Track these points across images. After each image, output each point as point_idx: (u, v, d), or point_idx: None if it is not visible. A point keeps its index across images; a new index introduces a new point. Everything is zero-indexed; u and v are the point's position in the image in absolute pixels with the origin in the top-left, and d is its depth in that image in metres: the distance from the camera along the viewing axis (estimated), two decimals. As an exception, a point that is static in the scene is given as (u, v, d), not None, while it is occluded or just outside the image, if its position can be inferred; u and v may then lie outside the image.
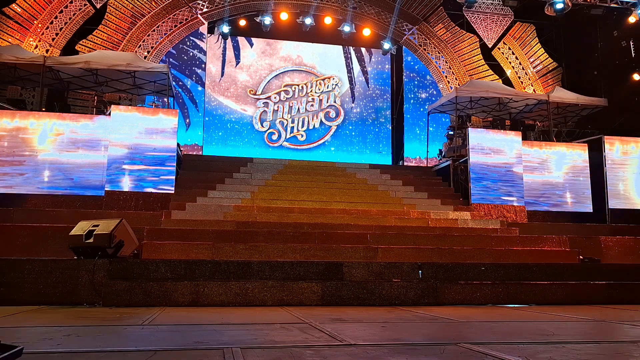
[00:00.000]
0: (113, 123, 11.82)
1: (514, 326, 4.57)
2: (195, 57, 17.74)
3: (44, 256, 7.07)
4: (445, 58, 18.79)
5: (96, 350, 3.18)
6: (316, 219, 10.94)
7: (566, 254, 9.90)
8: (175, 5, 17.04)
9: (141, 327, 4.21)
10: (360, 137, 19.08)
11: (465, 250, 9.46)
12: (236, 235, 9.38)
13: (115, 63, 13.14)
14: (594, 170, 14.00)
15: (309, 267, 6.82)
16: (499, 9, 18.49)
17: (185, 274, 6.49)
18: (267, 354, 3.04)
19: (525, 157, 13.73)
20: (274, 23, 17.60)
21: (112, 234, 6.62)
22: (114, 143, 11.71)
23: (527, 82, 18.59)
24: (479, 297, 6.53)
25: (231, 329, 4.20)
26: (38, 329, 4.08)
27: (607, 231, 12.17)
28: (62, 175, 11.46)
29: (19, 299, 5.80)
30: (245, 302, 5.97)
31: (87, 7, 16.04)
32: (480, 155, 13.40)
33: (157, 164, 11.80)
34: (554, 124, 16.36)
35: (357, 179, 14.41)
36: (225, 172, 13.57)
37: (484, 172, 13.32)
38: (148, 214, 10.56)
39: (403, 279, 6.88)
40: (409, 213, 12.12)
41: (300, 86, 18.75)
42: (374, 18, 18.55)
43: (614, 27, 17.31)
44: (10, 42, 14.69)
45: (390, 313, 5.42)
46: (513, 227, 11.61)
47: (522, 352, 3.13)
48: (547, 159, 13.98)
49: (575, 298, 6.73)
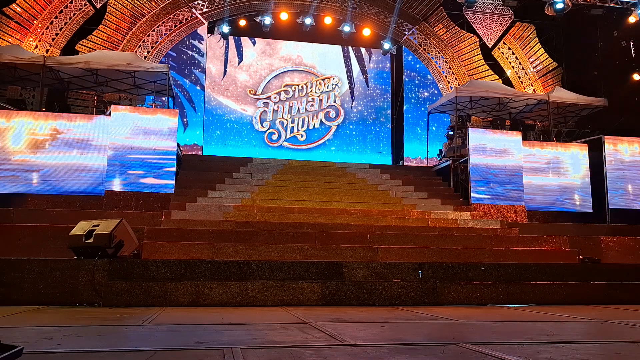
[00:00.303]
0: (113, 123, 11.82)
1: (514, 326, 4.57)
2: (194, 58, 17.74)
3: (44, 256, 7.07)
4: (445, 58, 18.79)
5: (96, 350, 3.18)
6: (316, 219, 10.95)
7: (566, 254, 9.90)
8: (175, 5, 17.04)
9: (141, 327, 4.21)
10: (361, 137, 19.08)
11: (465, 250, 9.46)
12: (236, 235, 9.38)
13: (115, 63, 13.14)
14: (594, 170, 14.01)
15: (309, 267, 6.82)
16: (499, 9, 18.50)
17: (185, 274, 6.49)
18: (267, 354, 3.04)
19: (525, 157, 13.73)
20: (274, 23, 17.61)
21: (112, 234, 6.62)
22: (113, 143, 11.70)
23: (527, 82, 18.60)
24: (479, 297, 6.53)
25: (231, 329, 4.20)
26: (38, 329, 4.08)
27: (607, 231, 12.17)
28: (62, 175, 11.45)
29: (19, 299, 5.80)
30: (245, 302, 5.97)
31: (87, 7, 16.05)
32: (480, 155, 13.40)
33: (157, 164, 11.80)
34: (554, 124, 16.35)
35: (357, 179, 14.41)
36: (225, 172, 13.58)
37: (484, 172, 13.32)
38: (148, 214, 10.57)
39: (403, 279, 6.88)
40: (409, 213, 12.12)
41: (300, 86, 18.75)
42: (374, 18, 18.55)
43: (614, 27, 17.31)
44: (10, 42, 14.70)
45: (390, 313, 5.42)
46: (513, 227, 11.61)
47: (522, 352, 3.13)
48: (547, 159, 13.97)
49: (575, 298, 6.73)
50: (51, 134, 11.59)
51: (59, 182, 11.41)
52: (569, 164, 14.02)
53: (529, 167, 13.74)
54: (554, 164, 13.96)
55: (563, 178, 13.91)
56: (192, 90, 17.66)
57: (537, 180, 13.77)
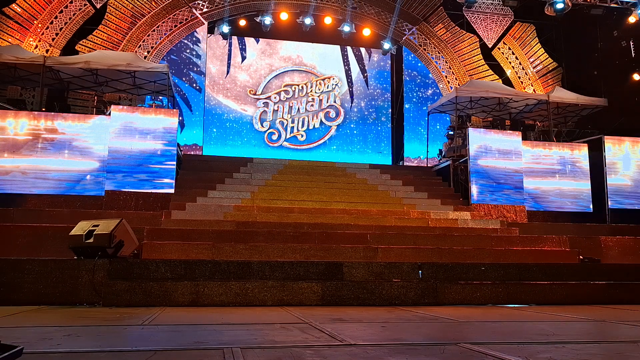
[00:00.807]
0: (113, 123, 11.82)
1: (514, 326, 4.57)
2: (194, 58, 17.74)
3: (44, 256, 7.07)
4: (445, 58, 18.80)
5: (96, 350, 3.18)
6: (316, 219, 10.95)
7: (566, 254, 9.90)
8: (175, 5, 17.04)
9: (141, 327, 4.21)
10: (361, 137, 19.08)
11: (465, 250, 9.46)
12: (236, 235, 9.38)
13: (115, 63, 13.14)
14: (594, 170, 14.01)
15: (309, 267, 6.82)
16: (499, 9, 18.50)
17: (185, 274, 6.49)
18: (267, 354, 3.04)
19: (525, 157, 13.73)
20: (274, 23, 17.61)
21: (112, 234, 6.62)
22: (113, 143, 11.71)
23: (527, 82, 18.60)
24: (479, 297, 6.53)
25: (231, 329, 4.20)
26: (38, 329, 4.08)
27: (607, 231, 12.17)
28: (62, 175, 11.46)
29: (19, 299, 5.80)
30: (245, 302, 5.97)
31: (87, 7, 16.05)
32: (480, 156, 13.40)
33: (157, 164, 11.80)
34: (554, 124, 16.35)
35: (357, 179, 14.41)
36: (225, 172, 13.58)
37: (484, 172, 13.32)
38: (148, 214, 10.57)
39: (403, 279, 6.88)
40: (409, 213, 12.12)
41: (300, 86, 18.75)
42: (373, 18, 18.56)
43: (614, 27, 17.31)
44: (10, 42, 14.70)
45: (390, 313, 5.42)
46: (513, 227, 11.61)
47: (522, 352, 3.13)
48: (547, 159, 13.97)
49: (575, 298, 6.73)
50: (51, 134, 11.58)
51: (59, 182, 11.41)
52: (569, 164, 14.02)
53: (529, 167, 13.74)
54: (554, 164, 13.96)
55: (563, 178, 13.91)
56: (193, 90, 17.65)
57: (537, 180, 13.77)
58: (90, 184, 11.55)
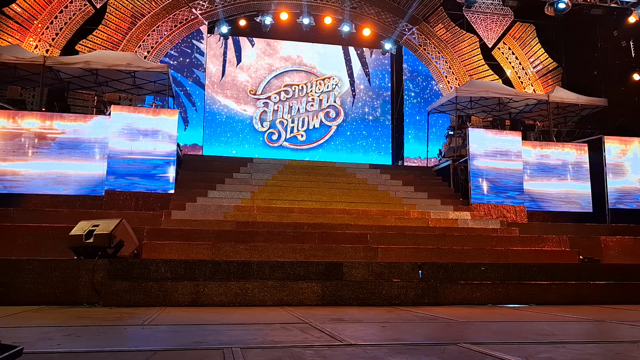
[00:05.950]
0: (113, 123, 11.82)
1: (514, 326, 4.57)
2: (194, 58, 17.74)
3: (44, 256, 7.07)
4: (445, 58, 18.79)
5: (96, 350, 3.18)
6: (316, 219, 10.95)
7: (566, 254, 9.90)
8: (175, 5, 17.04)
9: (141, 327, 4.21)
10: (360, 137, 19.07)
11: (465, 250, 9.46)
12: (236, 235, 9.38)
13: (115, 63, 13.14)
14: (594, 170, 14.00)
15: (309, 267, 6.82)
16: (499, 9, 18.49)
17: (185, 274, 6.48)
18: (267, 354, 3.04)
19: (525, 157, 13.73)
20: (274, 23, 17.62)
21: (112, 234, 6.62)
22: (113, 143, 11.70)
23: (527, 82, 18.59)
24: (479, 297, 6.53)
25: (231, 329, 4.20)
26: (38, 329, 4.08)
27: (607, 231, 12.17)
28: (62, 175, 11.46)
29: (19, 299, 5.80)
30: (245, 302, 5.96)
31: (87, 7, 16.05)
32: (480, 155, 13.40)
33: (157, 164, 11.80)
34: (554, 124, 16.35)
35: (357, 179, 14.41)
36: (225, 172, 13.58)
37: (484, 172, 13.32)
38: (148, 214, 10.57)
39: (403, 279, 6.88)
40: (409, 213, 12.13)
41: (300, 86, 18.75)
42: (373, 18, 18.55)
43: (614, 27, 17.31)
44: (10, 42, 14.69)
45: (390, 313, 5.42)
46: (513, 227, 11.61)
47: (522, 352, 3.13)
48: (547, 159, 13.97)
49: (575, 298, 6.73)
50: (51, 134, 11.59)
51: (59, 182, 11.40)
52: (569, 164, 14.02)
53: (529, 167, 13.74)
54: (554, 164, 13.96)
55: (563, 178, 13.91)
56: (194, 90, 17.66)
57: (537, 180, 13.78)
58: (90, 183, 11.55)
